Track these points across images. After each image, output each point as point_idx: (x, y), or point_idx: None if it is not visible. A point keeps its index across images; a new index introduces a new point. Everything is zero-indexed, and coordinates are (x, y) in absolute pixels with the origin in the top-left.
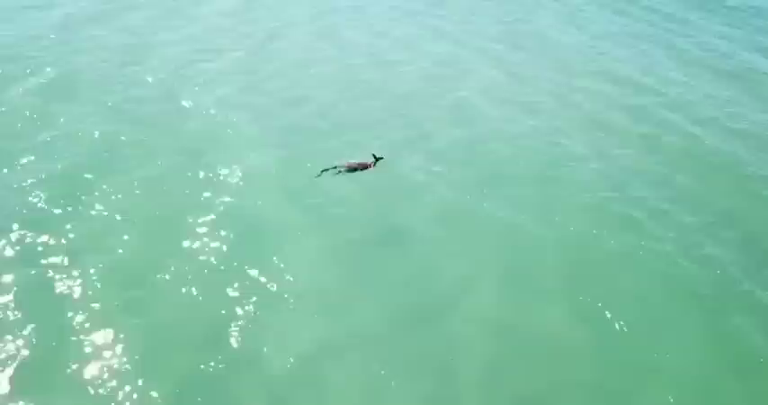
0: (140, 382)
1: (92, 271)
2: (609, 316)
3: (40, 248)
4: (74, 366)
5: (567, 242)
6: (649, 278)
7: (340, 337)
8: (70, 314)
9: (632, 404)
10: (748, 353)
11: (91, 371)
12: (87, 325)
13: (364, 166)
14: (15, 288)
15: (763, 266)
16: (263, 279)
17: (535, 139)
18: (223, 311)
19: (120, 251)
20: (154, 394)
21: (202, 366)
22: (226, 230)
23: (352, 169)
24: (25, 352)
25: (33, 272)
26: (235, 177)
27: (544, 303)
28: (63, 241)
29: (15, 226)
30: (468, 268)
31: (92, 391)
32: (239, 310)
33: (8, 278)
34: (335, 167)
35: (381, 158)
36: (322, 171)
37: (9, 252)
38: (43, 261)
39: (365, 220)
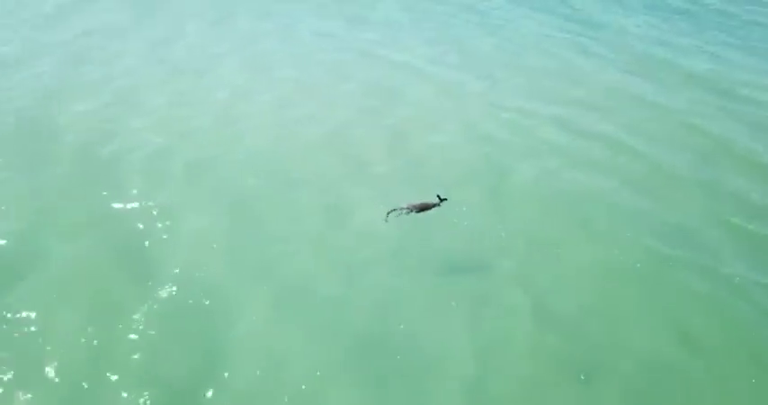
0: None
1: None
2: None
3: None
4: None
5: None
6: None
7: None
8: None
9: None
10: None
11: None
12: None
13: (431, 206)
14: None
15: None
16: None
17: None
18: None
19: None
20: None
21: None
22: None
23: (420, 210)
24: None
25: None
26: None
27: None
28: None
29: None
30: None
31: None
32: None
33: None
34: (402, 210)
35: (446, 199)
36: (389, 213)
37: None
38: None
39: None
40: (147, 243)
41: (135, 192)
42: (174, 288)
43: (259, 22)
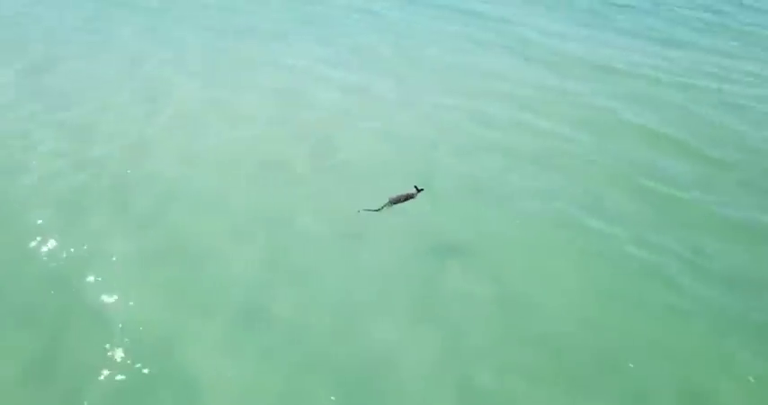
0: None
1: None
2: None
3: None
4: None
5: None
6: None
7: None
8: None
9: None
10: None
11: None
12: None
13: (409, 197)
14: None
15: None
16: None
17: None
18: None
19: None
20: None
21: None
22: None
23: (397, 202)
24: None
25: None
26: None
27: None
28: None
29: None
30: None
31: None
32: None
33: None
34: (379, 208)
35: (422, 190)
36: (385, 205)
37: None
38: None
39: None
40: (79, 290)
41: (54, 233)
42: (123, 337)
43: (145, 41)
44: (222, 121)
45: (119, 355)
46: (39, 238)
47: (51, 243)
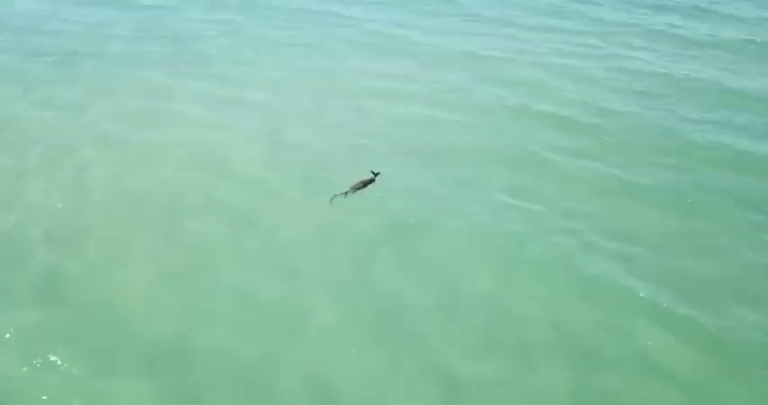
0: None
1: None
2: None
3: None
4: None
5: None
6: None
7: None
8: None
9: None
10: None
11: None
12: None
13: (367, 183)
14: None
15: None
16: None
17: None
18: None
19: None
20: None
21: None
22: None
23: (358, 188)
24: None
25: None
26: None
27: None
28: None
29: None
30: None
31: None
32: None
33: None
34: (344, 193)
35: (378, 173)
36: (333, 197)
37: None
38: None
39: None
40: None
41: None
42: None
43: None
44: (96, 153)
45: None
46: None
47: None
